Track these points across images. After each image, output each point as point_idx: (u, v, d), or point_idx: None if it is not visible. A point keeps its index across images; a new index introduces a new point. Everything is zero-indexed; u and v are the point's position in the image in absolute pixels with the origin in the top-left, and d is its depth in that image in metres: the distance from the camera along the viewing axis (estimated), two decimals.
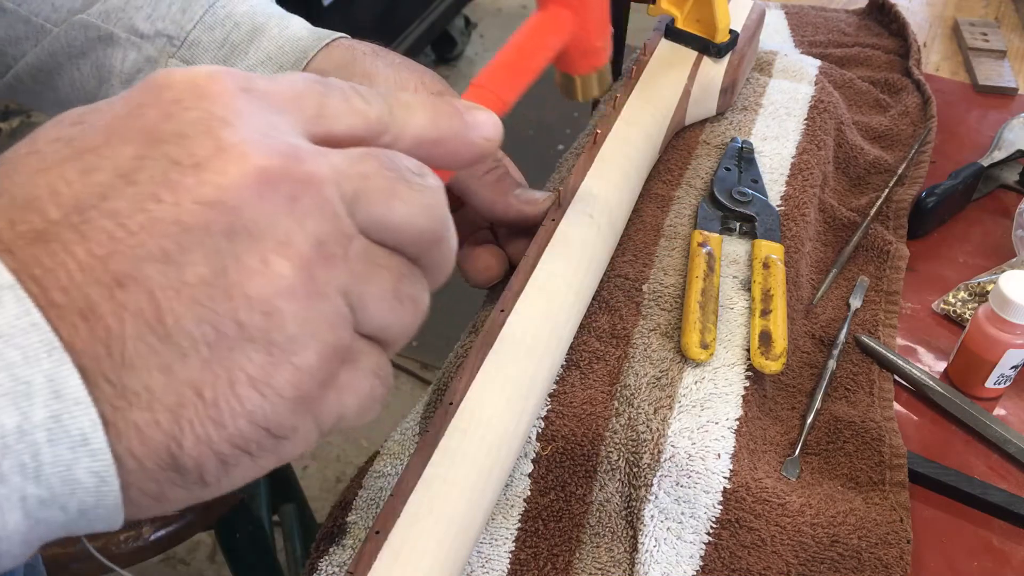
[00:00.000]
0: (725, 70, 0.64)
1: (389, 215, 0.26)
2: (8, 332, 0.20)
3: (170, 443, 0.22)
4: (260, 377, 0.23)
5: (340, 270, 0.24)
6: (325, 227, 0.24)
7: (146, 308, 0.22)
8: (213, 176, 0.22)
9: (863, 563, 0.45)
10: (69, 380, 0.21)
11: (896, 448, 0.51)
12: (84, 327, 0.21)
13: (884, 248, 0.63)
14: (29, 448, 0.20)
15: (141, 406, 0.22)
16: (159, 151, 0.23)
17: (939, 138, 0.75)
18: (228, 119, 0.23)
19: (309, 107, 0.26)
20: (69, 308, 0.21)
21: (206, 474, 0.23)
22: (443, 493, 0.37)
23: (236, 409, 0.23)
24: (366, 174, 0.25)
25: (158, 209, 0.22)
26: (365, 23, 1.95)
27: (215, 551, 1.44)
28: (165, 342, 0.22)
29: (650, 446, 0.46)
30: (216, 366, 0.22)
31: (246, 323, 0.23)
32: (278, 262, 0.23)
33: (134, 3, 0.50)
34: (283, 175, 0.23)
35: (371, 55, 0.50)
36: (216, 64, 0.49)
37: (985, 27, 0.91)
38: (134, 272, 0.22)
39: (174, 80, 0.24)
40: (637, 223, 0.59)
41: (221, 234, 0.22)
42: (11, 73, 0.53)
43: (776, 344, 0.50)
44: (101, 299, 0.21)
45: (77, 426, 0.21)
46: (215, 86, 0.24)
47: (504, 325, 0.44)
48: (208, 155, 0.23)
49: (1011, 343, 0.53)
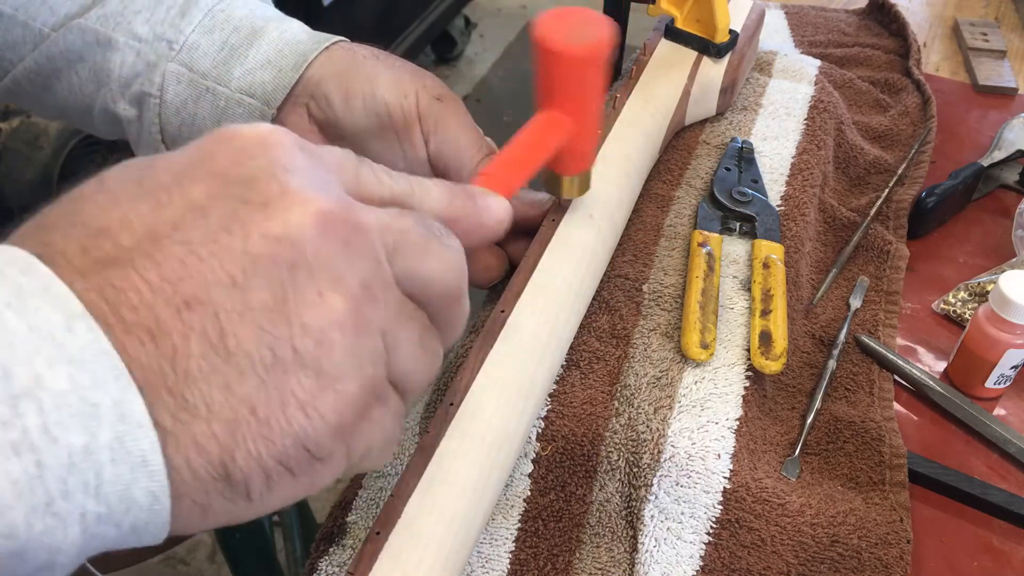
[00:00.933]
0: (725, 70, 0.64)
1: (421, 269, 0.28)
2: (80, 358, 0.22)
3: (224, 455, 0.24)
4: (308, 400, 0.25)
5: (381, 312, 0.27)
6: (371, 271, 0.26)
7: (211, 329, 0.23)
8: (280, 213, 0.25)
9: (863, 563, 0.45)
10: (133, 404, 0.22)
11: (896, 448, 0.51)
12: (151, 344, 0.23)
13: (884, 248, 0.63)
14: (93, 467, 0.22)
15: (200, 419, 0.23)
16: (229, 191, 0.25)
17: (939, 138, 0.75)
18: (291, 167, 0.26)
19: (349, 172, 0.29)
20: (138, 326, 0.23)
21: (252, 489, 0.25)
22: (443, 493, 0.37)
23: (285, 428, 0.24)
24: (405, 229, 0.28)
25: (228, 240, 0.24)
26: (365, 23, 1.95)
27: (215, 551, 1.44)
28: (226, 361, 0.23)
29: (650, 446, 0.46)
30: (270, 387, 0.24)
31: (300, 349, 0.24)
32: (333, 296, 0.25)
33: (132, 7, 0.50)
34: (340, 219, 0.26)
35: (371, 58, 0.50)
36: (216, 66, 0.49)
37: (985, 27, 0.91)
38: (202, 295, 0.23)
39: (241, 132, 0.26)
40: (637, 223, 0.59)
41: (284, 266, 0.24)
42: (9, 77, 0.53)
43: (776, 344, 0.50)
44: (169, 318, 0.23)
45: (139, 448, 0.22)
46: (277, 139, 0.26)
47: (504, 325, 0.44)
48: (275, 196, 0.25)
49: (1011, 343, 0.53)
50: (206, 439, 0.23)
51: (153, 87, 0.50)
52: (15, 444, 0.20)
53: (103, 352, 0.22)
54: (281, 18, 0.52)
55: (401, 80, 0.49)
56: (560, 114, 0.42)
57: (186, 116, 0.50)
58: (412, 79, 0.49)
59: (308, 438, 0.25)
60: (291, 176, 0.25)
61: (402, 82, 0.49)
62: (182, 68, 0.49)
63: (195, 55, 0.49)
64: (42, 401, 0.21)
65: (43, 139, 1.39)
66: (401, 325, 0.28)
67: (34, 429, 0.21)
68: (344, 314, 0.25)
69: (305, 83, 0.49)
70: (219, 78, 0.50)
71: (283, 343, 0.24)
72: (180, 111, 0.50)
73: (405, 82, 0.49)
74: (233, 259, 0.24)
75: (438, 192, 0.32)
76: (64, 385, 0.21)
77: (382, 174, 0.30)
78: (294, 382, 0.24)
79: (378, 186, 0.30)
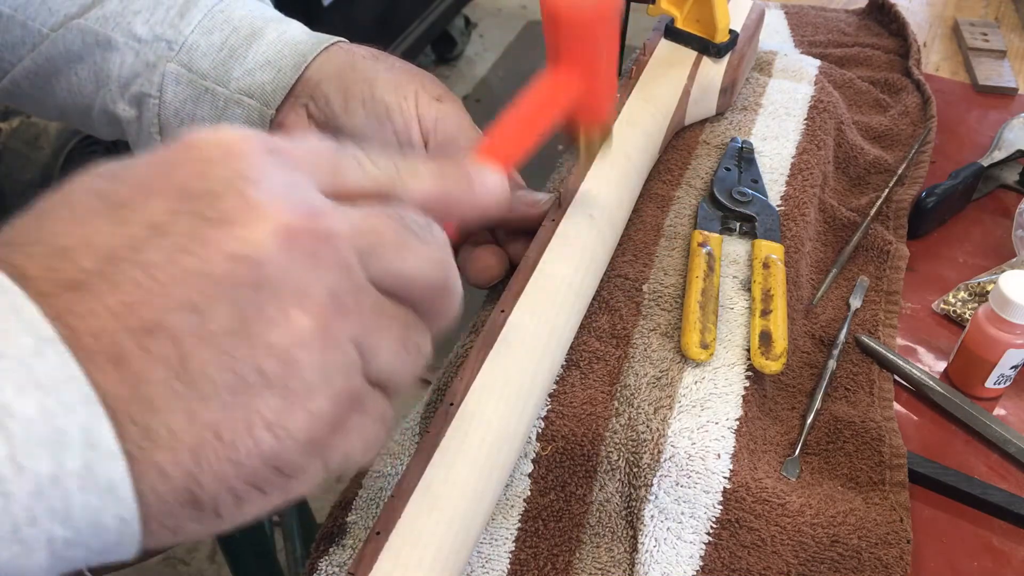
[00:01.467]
0: (725, 70, 0.64)
1: (399, 267, 0.27)
2: (48, 384, 0.21)
3: (189, 481, 0.23)
4: (275, 421, 0.24)
5: (353, 321, 0.26)
6: (340, 281, 0.25)
7: (172, 355, 0.23)
8: (241, 231, 0.24)
9: (863, 563, 0.45)
10: (102, 431, 0.22)
11: (896, 448, 0.51)
12: (113, 372, 0.22)
13: (884, 248, 0.63)
14: (61, 494, 0.21)
15: (164, 447, 0.23)
16: (189, 206, 0.24)
17: (939, 138, 0.75)
18: (254, 178, 0.25)
19: (325, 165, 0.28)
20: (100, 353, 0.22)
21: (221, 509, 0.24)
22: (443, 493, 0.37)
23: (252, 450, 0.24)
24: (378, 229, 0.27)
25: (187, 261, 0.23)
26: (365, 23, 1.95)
27: (215, 551, 1.44)
28: (189, 386, 0.23)
29: (650, 446, 0.46)
30: (235, 410, 0.24)
31: (266, 370, 0.24)
32: (297, 314, 0.24)
33: (132, 8, 0.50)
34: (304, 231, 0.25)
35: (370, 59, 0.50)
36: (215, 67, 0.49)
37: (985, 27, 0.91)
38: (162, 320, 0.23)
39: (204, 140, 0.25)
40: (637, 223, 0.59)
41: (246, 286, 0.24)
42: (8, 78, 0.53)
43: (776, 344, 0.50)
44: (129, 345, 0.22)
45: (107, 475, 0.22)
46: (242, 146, 0.25)
47: (504, 325, 0.44)
48: (236, 211, 0.24)
49: (1011, 343, 0.53)
50: (171, 467, 0.23)
51: (152, 87, 0.50)
52: None
53: (71, 377, 0.21)
54: (280, 19, 0.52)
55: (400, 81, 0.49)
56: (568, 72, 0.40)
57: (185, 116, 0.50)
58: (411, 80, 0.49)
59: (277, 458, 0.24)
60: (254, 187, 0.24)
61: (401, 83, 0.49)
62: (181, 68, 0.49)
63: (194, 55, 0.49)
64: (10, 429, 0.20)
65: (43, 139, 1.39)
66: (379, 328, 0.27)
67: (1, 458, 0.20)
68: (310, 331, 0.24)
69: (304, 84, 0.49)
70: (218, 79, 0.50)
71: (247, 366, 0.24)
72: (179, 111, 0.50)
73: (404, 83, 0.49)
74: (193, 282, 0.23)
75: (427, 172, 0.31)
76: (32, 412, 0.21)
77: (365, 161, 0.29)
78: (260, 403, 0.24)
79: (359, 176, 0.29)
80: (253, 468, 0.24)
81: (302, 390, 0.24)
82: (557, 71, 0.41)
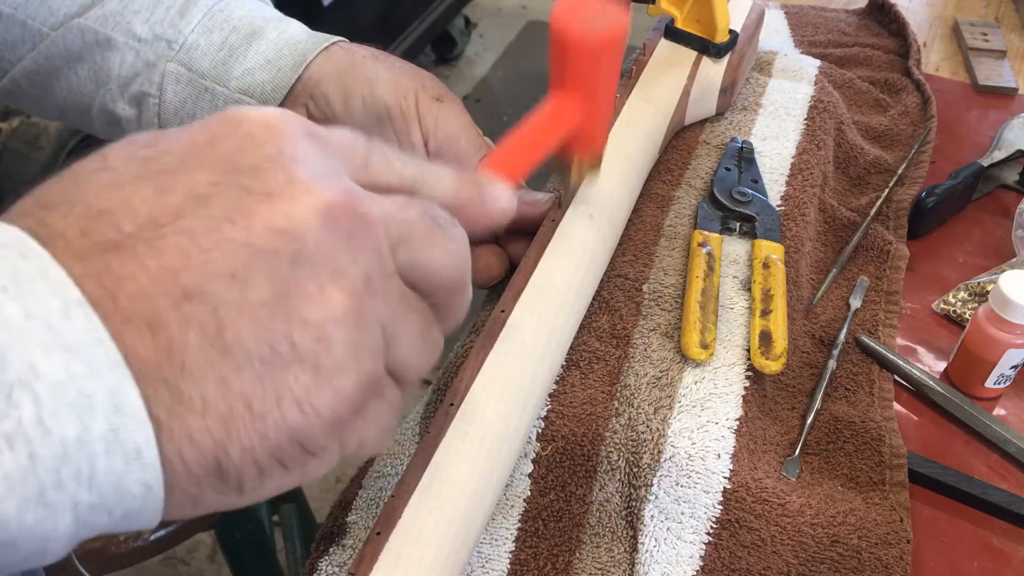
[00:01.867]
0: (725, 70, 0.64)
1: (426, 260, 0.28)
2: (75, 346, 0.21)
3: (217, 450, 0.23)
4: (303, 396, 0.24)
5: (382, 305, 0.26)
6: (374, 264, 0.26)
7: (209, 322, 0.23)
8: (284, 206, 0.24)
9: (863, 563, 0.45)
10: (129, 395, 0.22)
11: (896, 448, 0.51)
12: (148, 335, 0.22)
13: (884, 248, 0.63)
14: (87, 457, 0.21)
15: (195, 413, 0.23)
16: (233, 179, 0.24)
17: (939, 138, 0.75)
18: (297, 156, 0.25)
19: (357, 157, 0.28)
20: (136, 315, 0.22)
21: (244, 482, 0.24)
22: (444, 494, 0.37)
23: (279, 423, 0.24)
24: (411, 220, 0.27)
25: (231, 231, 0.23)
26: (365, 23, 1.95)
27: (215, 551, 1.44)
28: (224, 355, 0.23)
29: (650, 446, 0.46)
30: (267, 382, 0.24)
31: (299, 344, 0.24)
32: (333, 291, 0.25)
33: (132, 7, 0.50)
34: (344, 211, 0.25)
35: (370, 58, 0.50)
36: (215, 67, 0.49)
37: (985, 27, 0.91)
38: (202, 287, 0.23)
39: (248, 117, 0.26)
40: (637, 223, 0.59)
41: (286, 260, 0.24)
42: (8, 77, 0.53)
43: (776, 344, 0.50)
44: (168, 310, 0.22)
45: (132, 439, 0.22)
46: (285, 126, 0.26)
47: (504, 325, 0.44)
48: (280, 187, 0.24)
49: (1011, 343, 0.53)
50: (200, 434, 0.23)
51: (152, 87, 0.50)
52: (8, 436, 0.20)
53: (99, 340, 0.22)
54: (280, 18, 0.52)
55: (400, 80, 0.49)
56: (572, 99, 0.41)
57: (185, 116, 0.50)
58: (411, 79, 0.49)
59: (302, 433, 0.25)
60: (297, 165, 0.25)
61: (401, 82, 0.49)
62: (181, 68, 0.49)
63: (194, 55, 0.49)
64: (37, 391, 0.20)
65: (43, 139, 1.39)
66: (402, 317, 0.27)
67: (28, 420, 0.20)
68: (344, 309, 0.25)
69: (304, 83, 0.49)
70: (218, 78, 0.50)
71: (281, 338, 0.24)
72: (179, 111, 0.50)
73: (404, 82, 0.49)
74: (234, 252, 0.23)
75: (447, 179, 0.32)
76: (60, 374, 0.21)
77: (393, 158, 0.30)
78: (291, 378, 0.24)
79: (387, 171, 0.29)
80: (279, 442, 0.24)
81: (331, 367, 0.25)
82: (561, 95, 0.42)
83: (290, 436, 0.24)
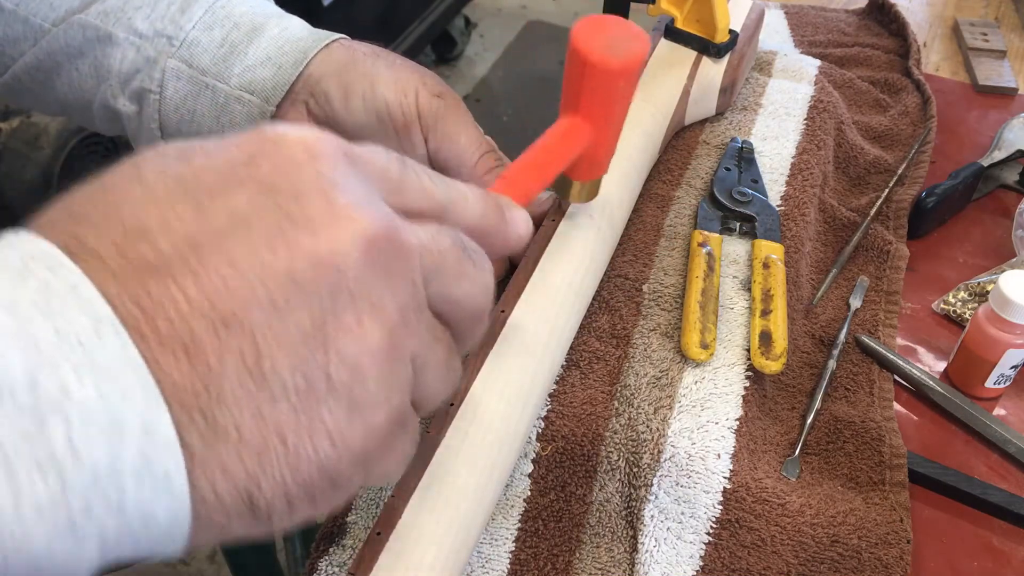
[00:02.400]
0: (725, 70, 0.64)
1: (454, 291, 0.28)
2: (107, 367, 0.20)
3: (250, 483, 0.23)
4: (336, 430, 0.24)
5: (414, 337, 0.26)
6: (409, 296, 0.25)
7: (247, 350, 0.22)
8: (325, 235, 0.24)
9: (863, 563, 0.45)
10: (161, 421, 0.21)
11: (896, 448, 0.51)
12: (185, 360, 0.22)
13: (884, 248, 0.63)
14: (116, 485, 0.21)
15: (230, 444, 0.22)
16: (274, 203, 0.24)
17: (939, 138, 0.74)
18: (337, 181, 0.25)
19: (392, 180, 0.28)
20: (173, 340, 0.22)
21: (274, 514, 0.24)
22: (444, 494, 0.37)
23: (311, 457, 0.24)
24: (443, 251, 0.27)
25: (272, 259, 0.23)
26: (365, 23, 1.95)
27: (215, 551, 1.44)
28: (261, 385, 0.23)
29: (650, 446, 0.46)
30: (302, 414, 0.23)
31: (334, 377, 0.24)
32: (371, 324, 0.24)
33: (133, 3, 0.50)
34: (384, 242, 0.25)
35: (371, 56, 0.50)
36: (215, 63, 0.49)
37: (985, 27, 0.91)
38: (241, 314, 0.22)
39: (287, 138, 0.25)
40: (637, 223, 0.59)
41: (326, 291, 0.23)
42: (9, 73, 0.53)
43: (776, 344, 0.50)
44: (205, 335, 0.22)
45: (163, 467, 0.21)
46: (324, 147, 0.25)
47: (504, 325, 0.44)
48: (321, 214, 0.24)
49: (1011, 343, 0.53)
50: (234, 465, 0.22)
51: (153, 83, 0.50)
52: (40, 462, 0.19)
53: (131, 362, 0.21)
54: (281, 15, 0.51)
55: (401, 78, 0.49)
56: (583, 122, 0.41)
57: (185, 112, 0.50)
58: (412, 77, 0.49)
59: (332, 468, 0.24)
60: (337, 192, 0.24)
61: (402, 80, 0.49)
62: (182, 64, 0.49)
63: (195, 51, 0.49)
64: (68, 414, 0.20)
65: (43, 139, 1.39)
66: (430, 348, 0.27)
67: (60, 445, 0.19)
68: (380, 343, 0.24)
69: (305, 80, 0.49)
70: (219, 75, 0.49)
71: (318, 370, 0.23)
72: (180, 107, 0.50)
73: (405, 80, 0.49)
74: (275, 279, 0.23)
75: (475, 202, 0.31)
76: (91, 397, 0.20)
77: (425, 180, 0.29)
78: (325, 411, 0.24)
79: (420, 194, 0.29)
80: (310, 476, 0.24)
81: (365, 401, 0.24)
82: (573, 118, 0.41)
83: (321, 470, 0.24)
